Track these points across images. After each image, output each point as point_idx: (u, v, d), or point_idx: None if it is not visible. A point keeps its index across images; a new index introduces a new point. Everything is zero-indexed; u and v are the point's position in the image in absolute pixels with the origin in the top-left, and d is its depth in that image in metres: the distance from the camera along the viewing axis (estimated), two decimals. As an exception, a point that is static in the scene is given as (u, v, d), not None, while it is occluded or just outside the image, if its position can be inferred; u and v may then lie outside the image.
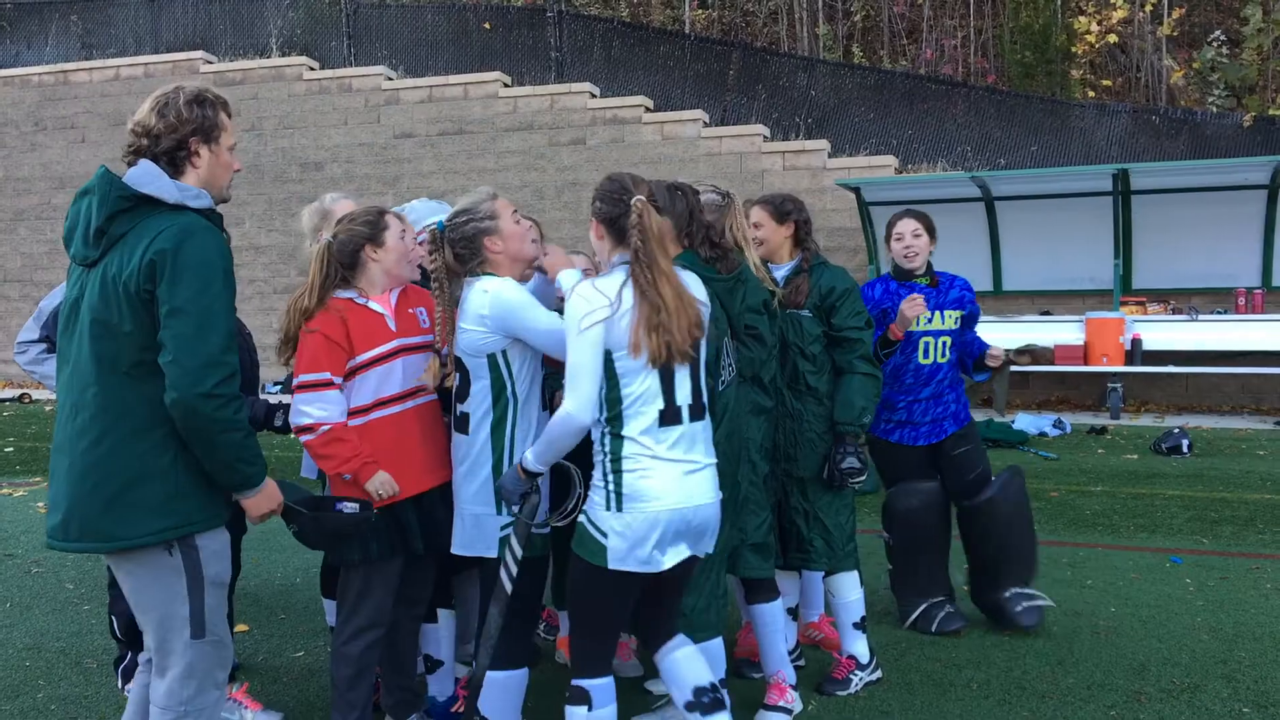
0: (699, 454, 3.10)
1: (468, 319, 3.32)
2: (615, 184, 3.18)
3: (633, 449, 3.01)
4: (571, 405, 2.99)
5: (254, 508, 2.92)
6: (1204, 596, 5.31)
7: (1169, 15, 15.34)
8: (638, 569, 3.00)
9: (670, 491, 3.00)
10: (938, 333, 4.73)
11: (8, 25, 18.13)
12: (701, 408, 3.14)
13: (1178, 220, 11.96)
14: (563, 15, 15.60)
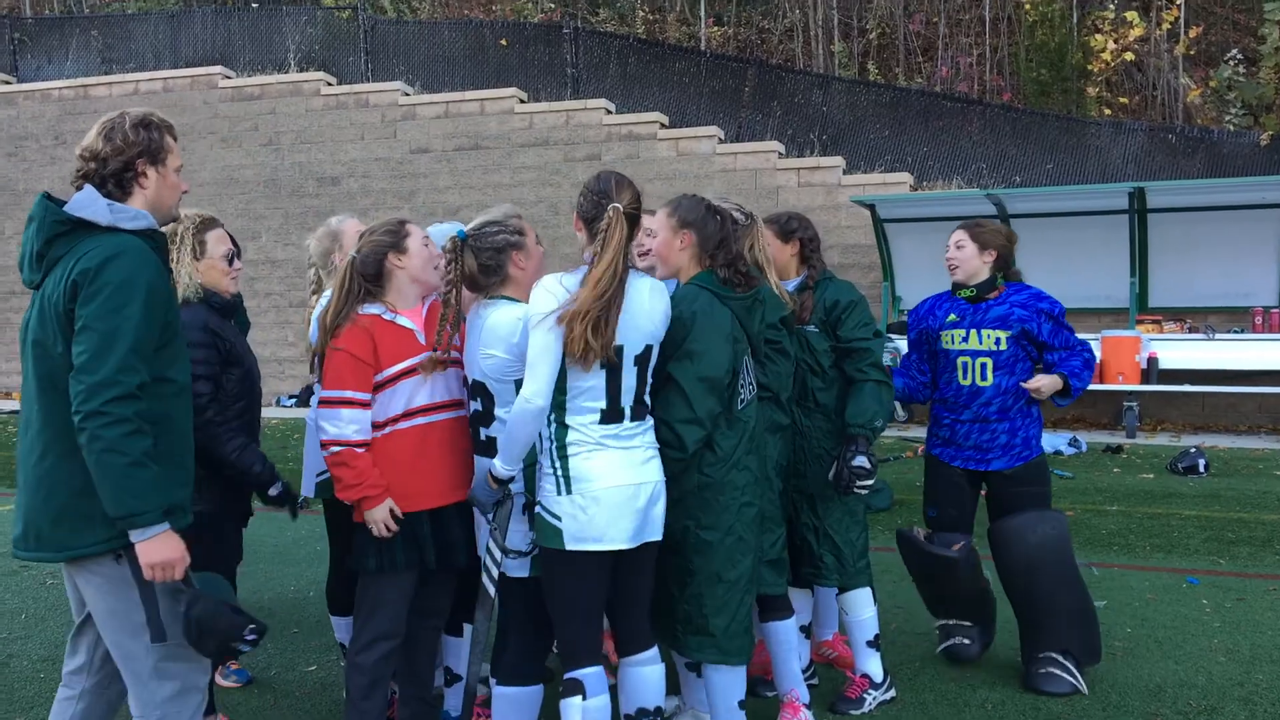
0: (639, 443, 3.25)
1: (495, 344, 3.31)
2: (600, 184, 3.27)
3: (576, 435, 3.19)
4: (528, 390, 3.09)
5: (142, 553, 2.73)
6: (1221, 618, 5.27)
7: (1186, 34, 15.32)
8: (594, 547, 3.15)
9: (613, 471, 3.16)
10: (974, 353, 4.42)
11: (29, 40, 18.31)
12: (644, 408, 3.28)
13: (1194, 239, 11.92)
14: (579, 32, 15.68)
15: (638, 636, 3.36)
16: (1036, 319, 4.39)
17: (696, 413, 3.35)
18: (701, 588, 3.42)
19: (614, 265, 3.13)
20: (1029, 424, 4.42)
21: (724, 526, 3.42)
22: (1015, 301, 4.40)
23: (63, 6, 20.95)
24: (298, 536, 7.06)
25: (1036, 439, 4.45)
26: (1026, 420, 4.42)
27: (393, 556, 3.43)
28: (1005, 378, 4.40)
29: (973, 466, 4.48)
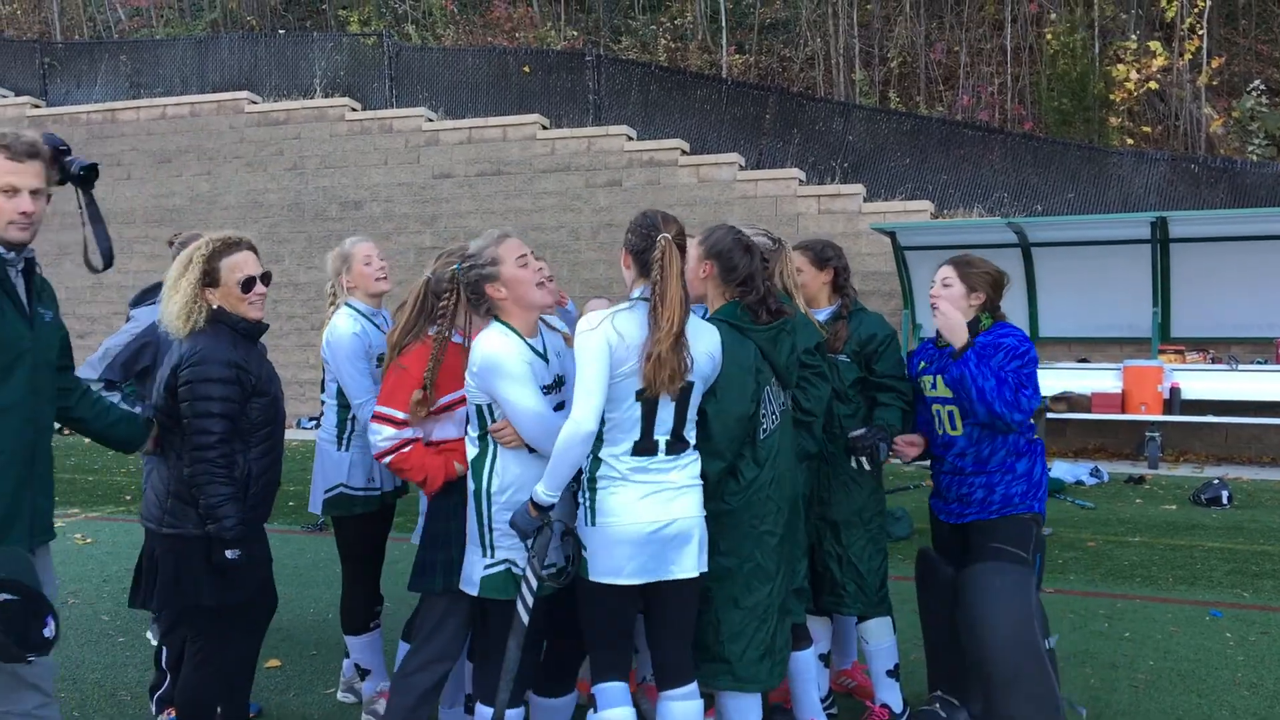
0: (674, 478, 3.27)
1: (470, 367, 3.37)
2: (647, 220, 3.30)
3: (605, 469, 3.25)
4: (578, 413, 3.14)
5: None
6: (1244, 651, 5.22)
7: (1208, 64, 15.30)
8: (611, 580, 3.22)
9: (635, 507, 3.21)
10: (943, 400, 4.10)
11: (59, 64, 18.56)
12: (682, 443, 3.31)
13: (1217, 269, 11.86)
14: (601, 59, 15.78)
15: (675, 670, 3.36)
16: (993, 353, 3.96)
17: (718, 445, 3.41)
18: (718, 614, 3.43)
19: (681, 293, 3.20)
20: (1011, 481, 3.98)
21: (743, 553, 3.43)
22: (980, 342, 4.00)
23: (92, 32, 21.25)
24: (317, 559, 7.08)
25: (1024, 496, 3.98)
26: (1007, 477, 3.99)
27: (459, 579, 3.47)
28: (976, 428, 4.02)
29: (953, 520, 4.12)
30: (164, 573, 3.53)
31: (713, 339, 3.36)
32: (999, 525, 3.97)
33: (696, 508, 3.31)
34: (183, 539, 3.49)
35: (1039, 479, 4.04)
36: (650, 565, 3.22)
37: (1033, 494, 4.00)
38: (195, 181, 16.58)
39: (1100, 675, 4.88)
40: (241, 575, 3.52)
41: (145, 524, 3.63)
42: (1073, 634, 5.52)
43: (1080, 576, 6.72)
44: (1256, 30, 16.77)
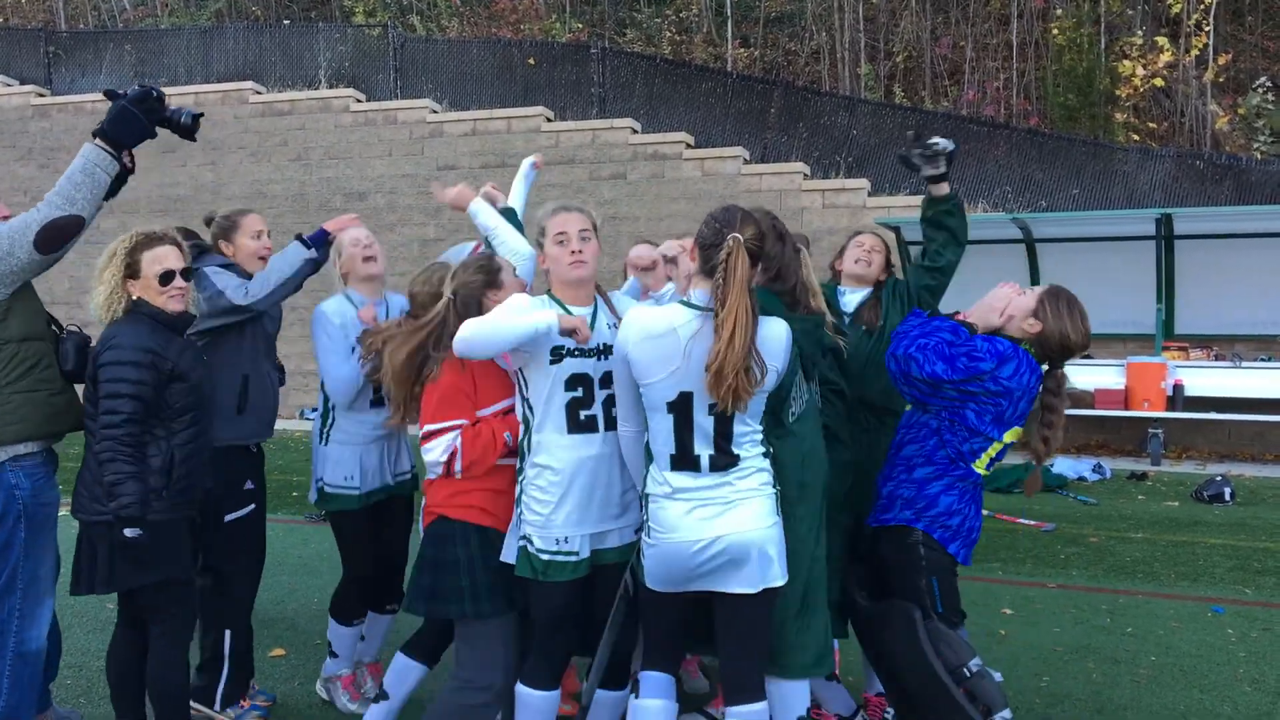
0: (724, 494, 3.12)
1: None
2: (725, 215, 3.14)
3: (653, 483, 3.20)
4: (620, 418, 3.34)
5: None
6: (1246, 647, 5.23)
7: (1214, 60, 15.27)
8: (662, 588, 3.22)
9: (679, 526, 3.12)
10: None
11: (64, 53, 18.55)
12: (730, 458, 3.12)
13: (1221, 266, 11.85)
14: (606, 52, 15.76)
15: (738, 685, 3.26)
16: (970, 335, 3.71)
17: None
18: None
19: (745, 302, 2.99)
20: (899, 483, 3.70)
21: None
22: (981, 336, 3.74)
23: (97, 21, 21.23)
24: (321, 549, 7.09)
25: (912, 504, 3.66)
26: (897, 478, 3.72)
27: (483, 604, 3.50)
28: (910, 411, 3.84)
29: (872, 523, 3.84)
30: (107, 559, 3.58)
31: (779, 344, 3.14)
32: (881, 536, 3.74)
33: (755, 520, 3.11)
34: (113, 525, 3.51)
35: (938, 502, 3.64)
36: (697, 580, 3.15)
37: (923, 508, 3.64)
38: (199, 172, 16.58)
39: (1102, 670, 4.89)
40: (152, 555, 3.55)
41: (77, 516, 3.66)
42: (1075, 629, 5.53)
43: (1083, 572, 6.73)
44: (1263, 26, 16.73)
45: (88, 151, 3.62)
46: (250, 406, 4.31)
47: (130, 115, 3.66)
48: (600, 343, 3.39)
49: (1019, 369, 3.57)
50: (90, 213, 3.62)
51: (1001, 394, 3.55)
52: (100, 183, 3.62)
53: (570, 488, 3.35)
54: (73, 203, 3.56)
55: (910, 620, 3.58)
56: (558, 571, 3.35)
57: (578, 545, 3.36)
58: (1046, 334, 3.67)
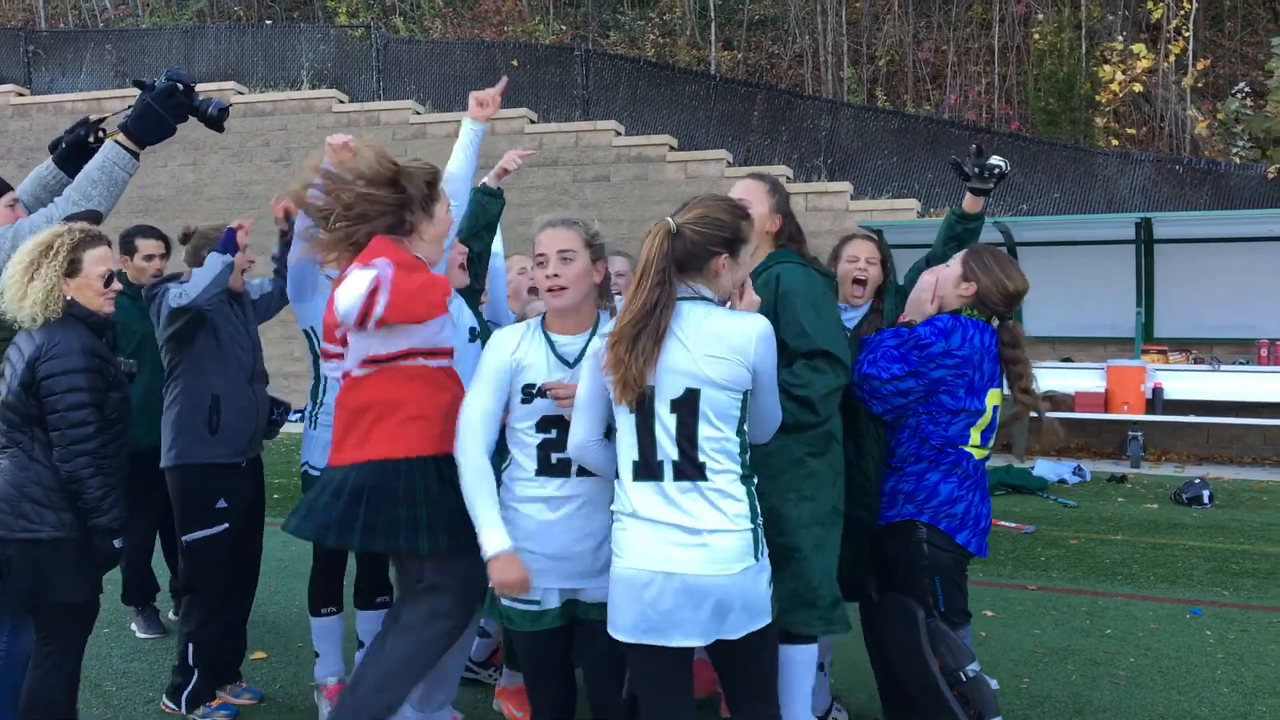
0: (683, 517, 2.73)
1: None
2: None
3: (618, 501, 2.85)
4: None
5: None
6: (1224, 649, 5.27)
7: (1193, 66, 15.38)
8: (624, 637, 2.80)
9: (634, 549, 2.76)
10: None
11: (44, 52, 18.44)
12: (696, 468, 2.74)
13: (1200, 270, 11.94)
14: (589, 54, 15.77)
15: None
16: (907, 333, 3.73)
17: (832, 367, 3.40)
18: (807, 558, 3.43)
19: (647, 284, 2.75)
20: (899, 478, 3.70)
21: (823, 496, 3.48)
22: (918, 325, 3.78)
23: (77, 20, 21.11)
24: (302, 551, 7.05)
25: (913, 497, 3.65)
26: (897, 475, 3.72)
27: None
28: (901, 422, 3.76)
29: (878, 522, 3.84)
30: (18, 579, 3.40)
31: (739, 336, 2.77)
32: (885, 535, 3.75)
33: (724, 562, 2.71)
34: (40, 543, 3.40)
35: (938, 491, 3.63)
36: (647, 623, 2.74)
37: (924, 500, 3.63)
38: (181, 172, 16.51)
39: (1082, 672, 4.92)
40: (102, 568, 3.52)
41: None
42: (1055, 630, 5.56)
43: (1062, 574, 6.77)
44: (1242, 33, 16.86)
45: (107, 149, 3.58)
46: (223, 426, 4.32)
47: (154, 113, 3.63)
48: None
49: (966, 334, 3.62)
50: (107, 207, 3.58)
51: (962, 363, 3.59)
52: (118, 180, 3.59)
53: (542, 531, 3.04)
54: (89, 199, 3.52)
55: (912, 618, 3.58)
56: (521, 620, 3.09)
57: (540, 595, 3.05)
58: (983, 291, 3.72)
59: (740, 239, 2.87)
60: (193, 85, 3.70)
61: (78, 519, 3.44)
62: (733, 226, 2.85)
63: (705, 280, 2.85)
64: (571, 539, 3.03)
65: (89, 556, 3.49)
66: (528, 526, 3.03)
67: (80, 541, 3.46)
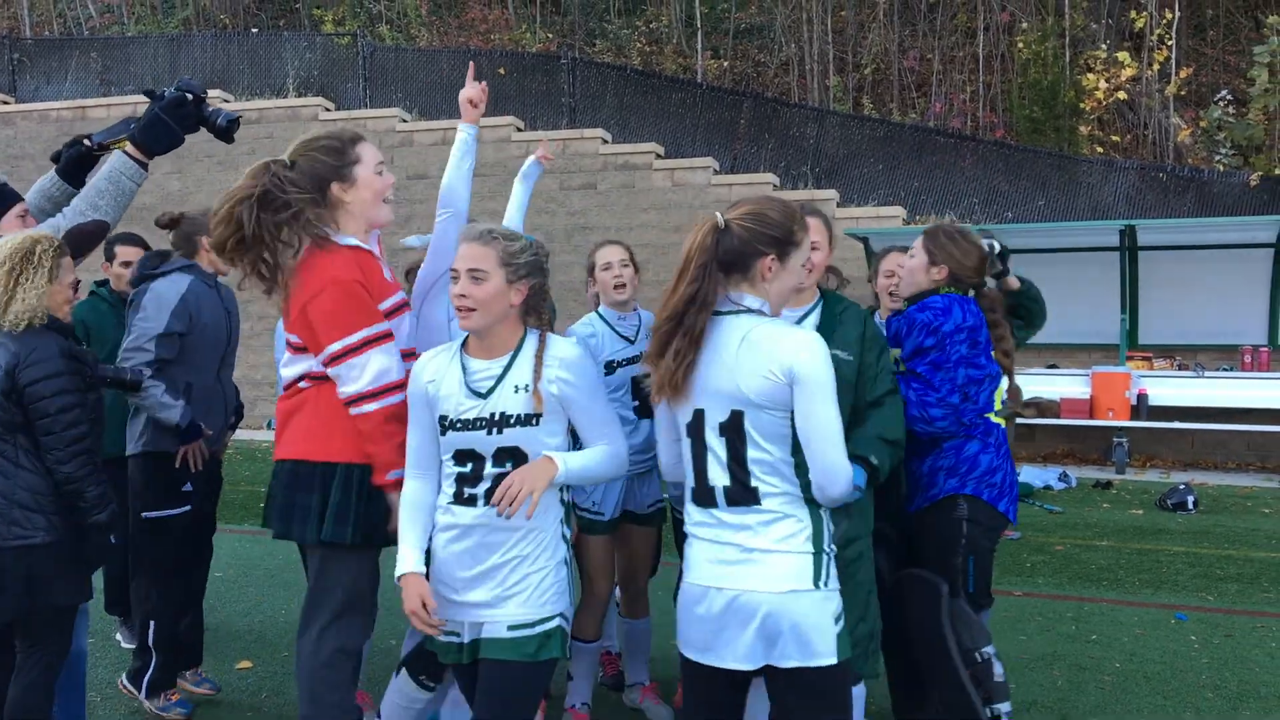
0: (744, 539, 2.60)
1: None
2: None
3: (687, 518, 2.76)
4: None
5: None
6: (1209, 654, 5.29)
7: (1176, 74, 15.48)
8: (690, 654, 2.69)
9: (695, 566, 2.68)
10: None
11: (28, 60, 18.36)
12: (748, 492, 2.59)
13: (1184, 277, 12.01)
14: (576, 62, 15.78)
15: None
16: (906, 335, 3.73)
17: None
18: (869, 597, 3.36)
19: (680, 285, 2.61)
20: (937, 456, 3.71)
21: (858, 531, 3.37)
22: (897, 322, 3.81)
23: (62, 28, 21.05)
24: (287, 560, 7.05)
25: (955, 471, 3.69)
26: (935, 453, 3.72)
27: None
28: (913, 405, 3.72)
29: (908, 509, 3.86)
30: (13, 586, 3.39)
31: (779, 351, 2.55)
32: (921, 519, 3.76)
33: (775, 579, 2.55)
34: (33, 548, 3.40)
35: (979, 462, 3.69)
36: (701, 640, 2.64)
37: (966, 472, 3.67)
38: (165, 180, 16.45)
39: (1068, 677, 4.94)
40: (98, 563, 3.58)
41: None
42: (1041, 636, 5.58)
43: (1048, 580, 6.79)
44: (1224, 41, 16.98)
45: (115, 159, 3.55)
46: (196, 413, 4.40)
47: (162, 123, 3.60)
48: (495, 411, 2.84)
49: (952, 309, 3.71)
50: (115, 218, 3.56)
51: (971, 331, 3.70)
52: (126, 190, 3.56)
53: (440, 559, 2.93)
54: (96, 209, 3.51)
55: (936, 594, 3.56)
56: (445, 652, 2.97)
57: (460, 629, 2.92)
58: (955, 269, 3.84)
59: (791, 241, 2.65)
60: (204, 96, 3.66)
61: (66, 521, 3.46)
62: (784, 227, 2.64)
63: (751, 285, 2.64)
64: (473, 571, 2.86)
65: (80, 557, 3.54)
66: (440, 555, 2.92)
67: (71, 543, 3.48)
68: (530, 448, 2.83)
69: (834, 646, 2.57)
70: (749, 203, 2.68)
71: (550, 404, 2.83)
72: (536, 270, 2.92)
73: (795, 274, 2.70)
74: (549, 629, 2.84)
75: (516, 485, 2.70)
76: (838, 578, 2.65)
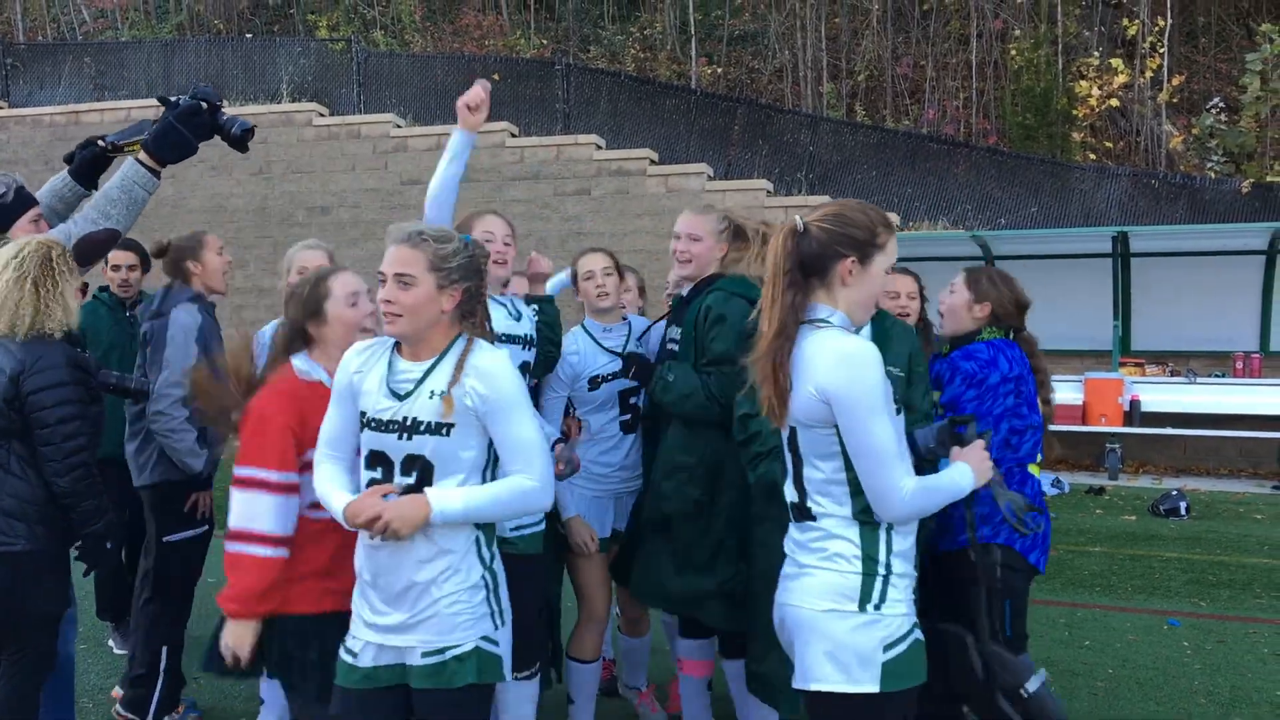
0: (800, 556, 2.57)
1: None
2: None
3: None
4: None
5: None
6: (1201, 660, 5.30)
7: (1168, 82, 15.54)
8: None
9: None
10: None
11: (21, 65, 18.34)
12: (805, 510, 2.56)
13: (1177, 283, 12.04)
14: (570, 68, 15.80)
15: None
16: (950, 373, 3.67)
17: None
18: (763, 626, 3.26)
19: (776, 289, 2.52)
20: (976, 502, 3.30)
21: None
22: (939, 366, 3.76)
23: (56, 33, 21.02)
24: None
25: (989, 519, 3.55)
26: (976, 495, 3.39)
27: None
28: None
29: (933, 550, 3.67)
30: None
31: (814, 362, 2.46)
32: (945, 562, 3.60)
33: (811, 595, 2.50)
34: (14, 555, 3.37)
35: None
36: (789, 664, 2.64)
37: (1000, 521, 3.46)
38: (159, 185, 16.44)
39: (1061, 683, 4.94)
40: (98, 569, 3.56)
41: None
42: (1034, 642, 5.56)
43: (1041, 585, 6.79)
44: (1216, 49, 17.05)
45: (127, 169, 3.53)
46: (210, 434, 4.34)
47: (176, 132, 3.58)
48: (408, 415, 2.67)
49: (997, 360, 3.64)
50: (125, 226, 3.53)
51: (1017, 381, 3.63)
52: (138, 199, 3.54)
53: (362, 572, 2.77)
54: (108, 218, 3.48)
55: (962, 645, 3.31)
56: (338, 672, 2.78)
57: (359, 648, 2.74)
58: (997, 308, 3.80)
59: (874, 244, 2.51)
60: (219, 104, 3.62)
61: (51, 531, 3.42)
62: (866, 227, 2.51)
63: (828, 292, 2.53)
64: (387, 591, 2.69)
65: (62, 566, 3.51)
66: (362, 574, 2.77)
67: (52, 553, 3.45)
68: (439, 459, 2.65)
69: (875, 674, 2.42)
70: (830, 204, 2.58)
71: (464, 415, 2.64)
72: (471, 273, 2.75)
73: (878, 281, 2.55)
74: (461, 653, 2.65)
75: (382, 523, 2.56)
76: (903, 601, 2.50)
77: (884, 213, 2.59)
